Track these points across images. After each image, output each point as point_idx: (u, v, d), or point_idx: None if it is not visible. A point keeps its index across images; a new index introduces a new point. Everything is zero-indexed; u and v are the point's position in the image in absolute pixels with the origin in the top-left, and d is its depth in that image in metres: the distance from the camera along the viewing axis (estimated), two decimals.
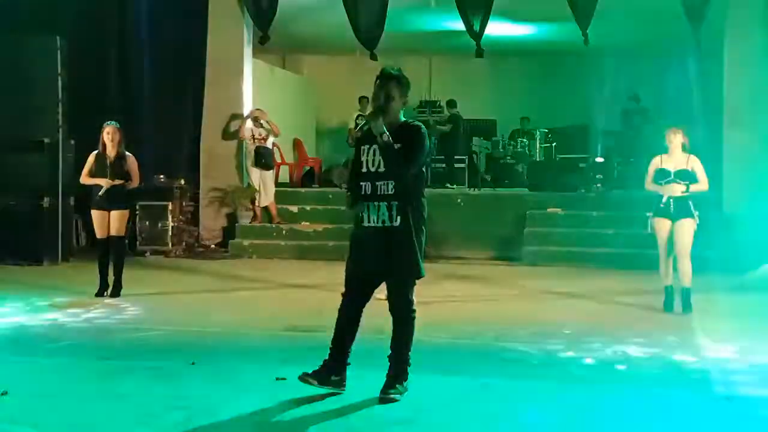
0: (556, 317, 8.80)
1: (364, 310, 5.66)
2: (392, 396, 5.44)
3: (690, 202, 8.79)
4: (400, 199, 5.46)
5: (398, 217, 5.45)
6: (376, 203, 5.48)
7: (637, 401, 5.67)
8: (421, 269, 5.56)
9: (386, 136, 5.38)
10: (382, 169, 5.47)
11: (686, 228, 8.77)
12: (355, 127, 15.33)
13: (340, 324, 5.63)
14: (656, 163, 8.96)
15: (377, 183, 5.48)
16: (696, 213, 8.78)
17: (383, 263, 5.50)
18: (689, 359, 6.95)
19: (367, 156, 5.54)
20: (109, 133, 9.72)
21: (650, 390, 5.98)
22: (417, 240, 5.50)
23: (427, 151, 5.64)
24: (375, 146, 5.49)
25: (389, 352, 5.60)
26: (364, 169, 5.54)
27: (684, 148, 8.88)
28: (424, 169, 5.77)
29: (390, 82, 5.57)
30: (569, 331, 7.94)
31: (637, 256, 11.77)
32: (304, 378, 5.51)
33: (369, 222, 5.52)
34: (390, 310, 5.60)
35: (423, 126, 5.66)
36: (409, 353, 5.58)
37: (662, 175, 8.85)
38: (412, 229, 5.46)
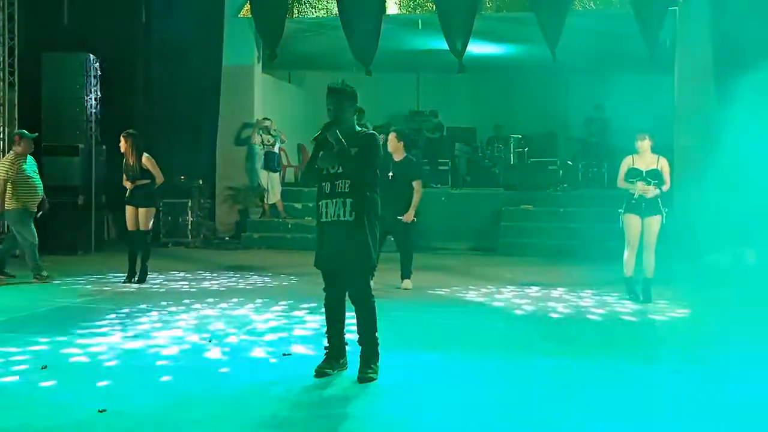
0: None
1: (346, 297, 5.49)
2: (369, 375, 5.31)
3: (659, 200, 8.48)
4: (355, 197, 5.32)
5: (353, 213, 5.31)
6: (333, 200, 5.34)
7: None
8: (374, 259, 5.46)
9: (341, 143, 5.27)
10: (340, 170, 5.33)
11: (655, 224, 8.45)
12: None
13: (327, 315, 5.54)
14: (628, 162, 8.60)
15: (336, 182, 5.34)
16: (665, 210, 8.48)
17: (340, 255, 5.36)
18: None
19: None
20: (121, 142, 9.69)
21: None
22: (370, 233, 5.37)
23: (381, 154, 5.59)
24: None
25: (358, 337, 5.46)
26: (324, 171, 5.40)
27: (653, 150, 8.58)
28: (378, 171, 5.60)
29: (338, 94, 5.44)
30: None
31: (599, 248, 11.66)
32: (320, 372, 5.40)
33: (327, 217, 5.38)
34: (350, 297, 5.46)
35: (376, 134, 5.56)
36: (377, 334, 5.43)
37: (634, 174, 8.50)
38: (365, 223, 5.34)
